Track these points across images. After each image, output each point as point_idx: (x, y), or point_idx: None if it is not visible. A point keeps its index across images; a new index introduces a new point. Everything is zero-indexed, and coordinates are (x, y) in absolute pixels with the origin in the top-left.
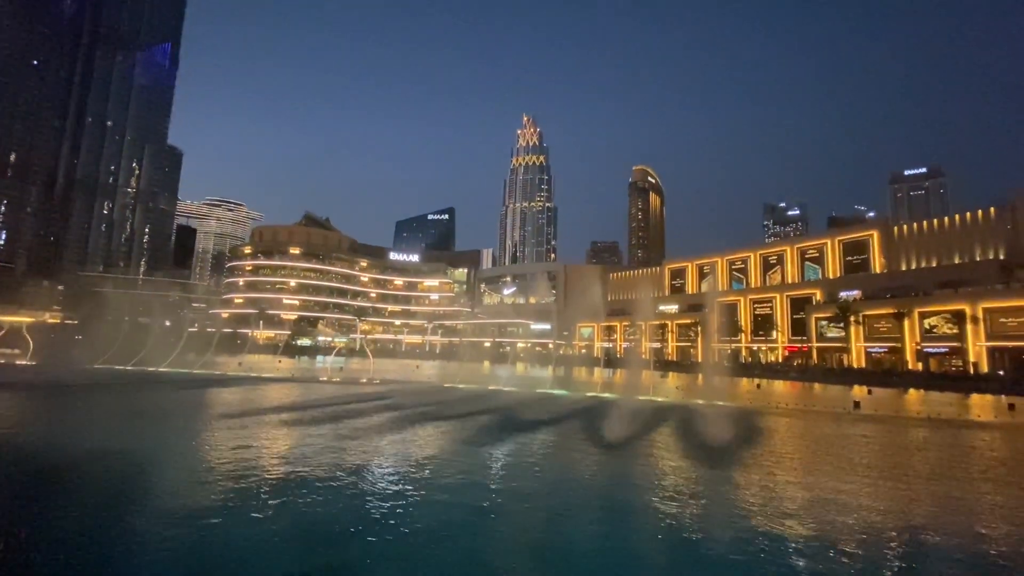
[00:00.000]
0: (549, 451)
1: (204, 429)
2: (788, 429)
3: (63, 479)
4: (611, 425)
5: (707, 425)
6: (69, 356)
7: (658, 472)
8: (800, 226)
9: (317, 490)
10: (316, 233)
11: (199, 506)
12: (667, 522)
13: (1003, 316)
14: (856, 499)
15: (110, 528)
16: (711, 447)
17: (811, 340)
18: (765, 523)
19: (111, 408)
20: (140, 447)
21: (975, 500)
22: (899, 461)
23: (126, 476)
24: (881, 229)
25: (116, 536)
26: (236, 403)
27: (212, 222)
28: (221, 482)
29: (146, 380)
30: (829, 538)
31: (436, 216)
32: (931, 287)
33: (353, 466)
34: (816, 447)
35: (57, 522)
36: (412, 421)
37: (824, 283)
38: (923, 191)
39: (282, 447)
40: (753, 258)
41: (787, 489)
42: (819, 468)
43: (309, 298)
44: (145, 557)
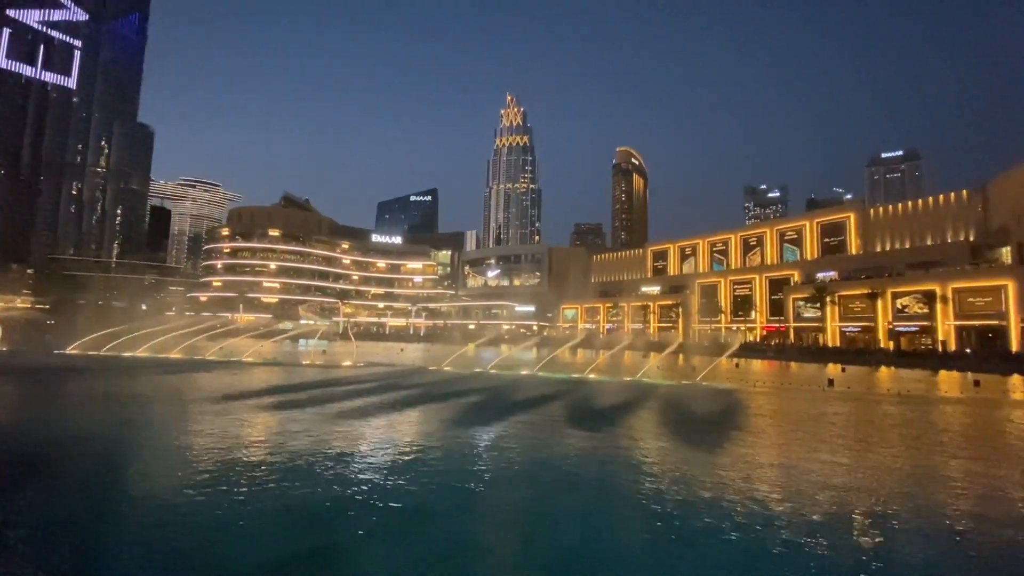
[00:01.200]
0: (531, 433)
1: (183, 415)
2: (766, 407)
3: (35, 466)
4: (595, 406)
5: (689, 404)
6: (41, 341)
7: (640, 449)
8: (780, 208)
9: (299, 474)
10: (296, 214)
11: (181, 491)
12: (648, 493)
13: (971, 296)
14: (827, 469)
15: (87, 515)
16: (693, 425)
17: (788, 320)
18: (744, 490)
19: (88, 393)
20: (118, 434)
21: (938, 470)
22: (869, 436)
23: (101, 463)
24: (858, 211)
25: (98, 522)
26: (217, 388)
27: (188, 203)
28: (202, 467)
29: (123, 366)
30: (801, 506)
31: (419, 197)
32: (904, 268)
33: (336, 450)
34: (792, 424)
35: (32, 508)
36: (395, 404)
37: (802, 264)
38: (899, 174)
39: (262, 432)
40: (734, 240)
41: (764, 462)
42: (794, 443)
43: (290, 281)
44: (127, 543)
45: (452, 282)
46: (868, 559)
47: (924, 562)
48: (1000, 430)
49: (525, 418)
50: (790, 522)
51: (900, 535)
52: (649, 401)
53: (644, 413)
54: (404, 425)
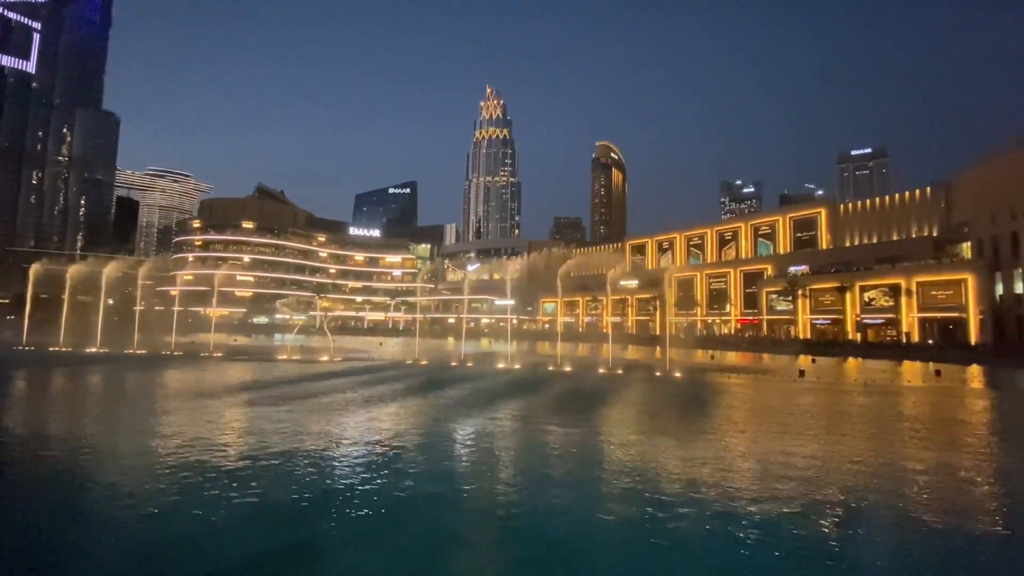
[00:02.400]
0: (510, 426)
1: (151, 413)
2: (740, 397)
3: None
4: (576, 396)
5: (664, 395)
6: (0, 337)
7: (615, 439)
8: (754, 203)
9: (270, 472)
10: (271, 206)
11: (156, 490)
12: (626, 479)
13: (934, 289)
14: (798, 456)
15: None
16: (669, 416)
17: (762, 313)
18: (719, 476)
19: (49, 391)
20: (86, 432)
21: (899, 456)
22: (839, 424)
23: (70, 463)
24: (828, 207)
25: (66, 523)
26: (186, 384)
27: (157, 194)
28: (174, 466)
29: (89, 361)
30: (773, 489)
31: (397, 190)
32: (871, 262)
33: (308, 447)
34: (765, 413)
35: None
36: (371, 400)
37: (775, 258)
38: (868, 171)
39: (234, 429)
40: (710, 234)
41: (738, 449)
42: (767, 431)
43: (265, 274)
44: (102, 543)
45: (432, 276)
46: (822, 538)
47: (884, 544)
48: (955, 418)
49: (503, 411)
50: (757, 507)
51: (857, 518)
52: (623, 392)
53: (617, 404)
54: (379, 421)
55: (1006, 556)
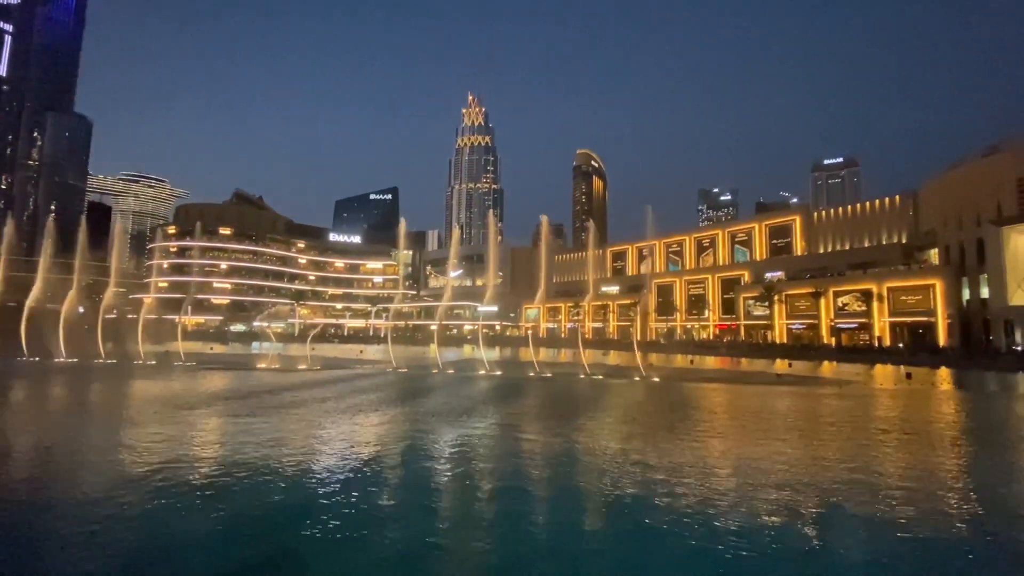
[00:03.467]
0: (494, 432)
1: (128, 424)
2: (718, 401)
3: None
4: (557, 402)
5: (644, 399)
6: None
7: (597, 442)
8: (732, 211)
9: (246, 484)
10: (248, 212)
11: (128, 502)
12: (604, 480)
13: (904, 294)
14: (774, 457)
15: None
16: (646, 418)
17: (739, 318)
18: (696, 477)
19: (21, 402)
20: (55, 441)
21: (872, 454)
22: (816, 426)
23: (39, 473)
24: (803, 214)
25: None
26: (155, 393)
27: (130, 199)
28: (153, 478)
29: (56, 370)
30: (748, 489)
31: (379, 196)
32: (844, 268)
33: (291, 456)
34: (743, 416)
35: None
36: (351, 408)
37: (752, 265)
38: (840, 179)
39: (212, 441)
40: (688, 241)
41: (716, 451)
42: (745, 434)
43: (242, 281)
44: (74, 554)
45: (414, 282)
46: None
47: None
48: (926, 418)
49: (483, 420)
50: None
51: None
52: (605, 397)
53: (601, 409)
54: (361, 428)
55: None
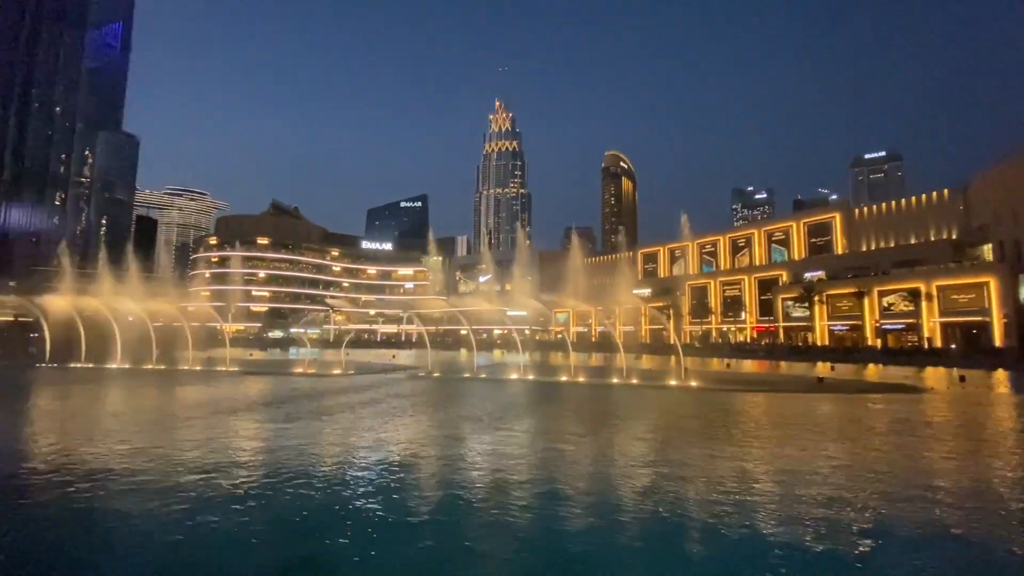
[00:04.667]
0: (530, 439)
1: (174, 427)
2: (758, 406)
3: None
4: (591, 408)
5: (682, 406)
6: (26, 354)
7: (633, 452)
8: (767, 209)
9: (289, 485)
10: (285, 222)
11: (175, 503)
12: (642, 491)
13: (955, 293)
14: (820, 470)
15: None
16: (684, 427)
17: (778, 320)
18: (742, 490)
19: (72, 409)
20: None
21: (927, 464)
22: (864, 434)
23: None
24: (843, 212)
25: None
26: (206, 399)
27: (174, 212)
28: (197, 478)
29: (112, 377)
30: (795, 505)
31: (409, 203)
32: (889, 266)
33: (326, 460)
34: (785, 423)
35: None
36: (387, 413)
37: (790, 265)
38: (882, 174)
39: (253, 443)
40: (722, 242)
41: (760, 460)
42: (788, 442)
43: (280, 289)
44: (121, 553)
45: (444, 288)
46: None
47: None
48: (984, 424)
49: (517, 425)
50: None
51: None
52: (638, 403)
53: (632, 418)
54: (394, 433)
55: None
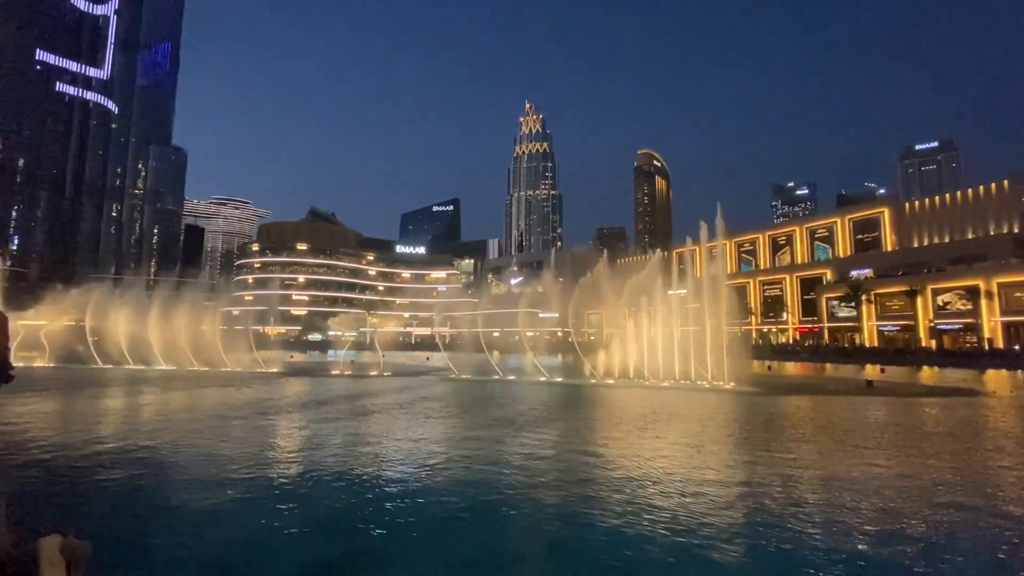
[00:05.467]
0: (560, 443)
1: (223, 428)
2: (802, 411)
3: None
4: (621, 412)
5: (718, 411)
6: (87, 357)
7: (671, 455)
8: (809, 205)
9: (331, 482)
10: (323, 228)
11: (224, 499)
12: (684, 498)
13: (1018, 290)
14: (877, 480)
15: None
16: (730, 433)
17: (822, 320)
18: (782, 498)
19: (116, 407)
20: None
21: (991, 476)
22: (918, 440)
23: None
24: (892, 206)
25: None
26: (250, 399)
27: (220, 221)
28: (243, 476)
29: (158, 378)
30: (842, 517)
31: (441, 208)
32: (944, 263)
33: (368, 458)
34: (832, 429)
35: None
36: (422, 414)
37: (834, 262)
38: (935, 166)
39: (297, 442)
40: (762, 239)
41: (805, 468)
42: (836, 449)
43: (318, 293)
44: (168, 548)
45: (476, 290)
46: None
47: None
48: None
49: (547, 429)
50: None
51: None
52: (673, 407)
53: (666, 421)
54: (429, 434)
55: None
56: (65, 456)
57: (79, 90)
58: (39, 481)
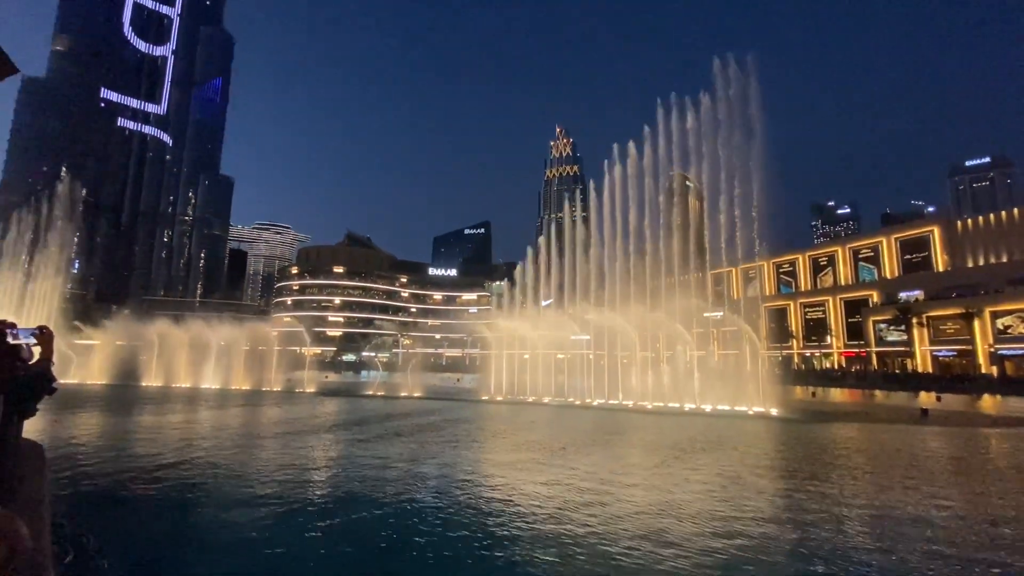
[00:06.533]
0: (595, 473)
1: (257, 445)
2: (852, 441)
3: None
4: (660, 440)
5: (761, 439)
6: (136, 374)
7: (718, 487)
8: (852, 225)
9: (362, 503)
10: (358, 252)
11: (255, 520)
12: (732, 533)
13: None
14: (939, 520)
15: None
16: (773, 461)
17: (869, 344)
18: (834, 537)
19: (167, 423)
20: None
21: None
22: (978, 476)
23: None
24: (942, 224)
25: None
26: (287, 418)
27: (262, 245)
28: (278, 498)
29: (207, 397)
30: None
31: (472, 231)
32: (1003, 284)
33: (396, 480)
34: (885, 461)
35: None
36: (451, 439)
37: (881, 284)
38: (988, 182)
39: (324, 464)
40: (802, 260)
41: (858, 500)
42: (891, 483)
43: (353, 315)
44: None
45: (507, 312)
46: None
47: None
48: None
49: (581, 458)
50: None
51: None
52: (712, 434)
53: (704, 449)
54: (462, 461)
55: None
56: (99, 468)
57: (138, 125)
58: (82, 494)
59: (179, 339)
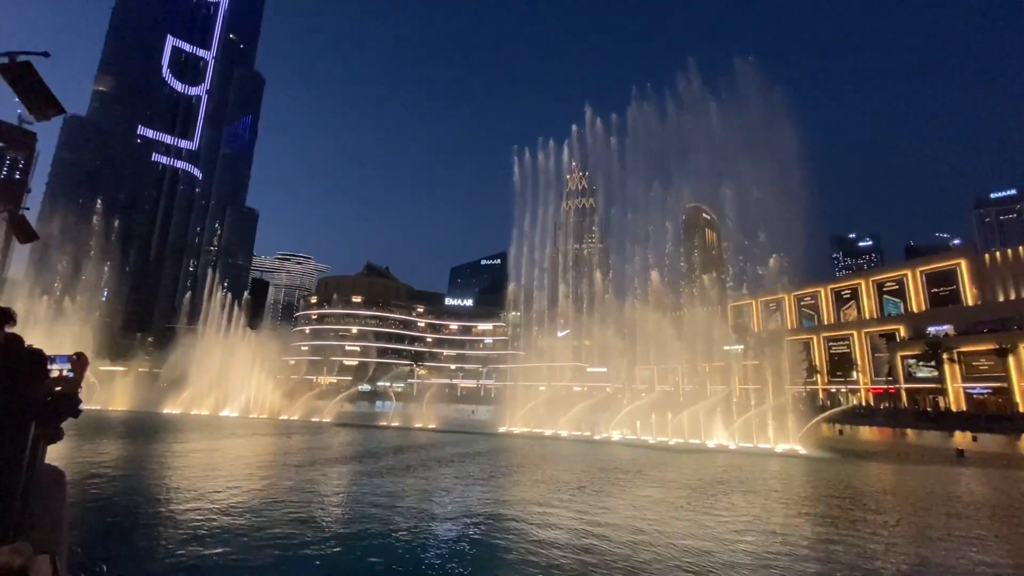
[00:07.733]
0: (619, 511)
1: (272, 474)
2: (883, 482)
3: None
4: (686, 478)
5: (787, 479)
6: (157, 401)
7: (733, 531)
8: (874, 257)
9: (376, 536)
10: (377, 282)
11: (268, 552)
12: None
13: None
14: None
15: None
16: (804, 503)
17: (898, 381)
18: None
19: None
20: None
21: None
22: (1019, 522)
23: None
24: (969, 257)
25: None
26: (302, 447)
27: (283, 275)
28: (286, 531)
29: (227, 425)
30: None
31: (489, 261)
32: None
33: (413, 513)
34: (919, 504)
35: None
36: (465, 474)
37: (908, 318)
38: (1015, 214)
39: (340, 494)
40: (824, 293)
41: (894, 554)
42: (926, 529)
43: (370, 344)
44: None
45: (522, 342)
46: None
47: None
48: None
49: (603, 495)
50: None
51: None
52: (736, 472)
53: (729, 491)
54: (468, 496)
55: None
56: (116, 496)
57: (171, 160)
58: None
59: (199, 368)
